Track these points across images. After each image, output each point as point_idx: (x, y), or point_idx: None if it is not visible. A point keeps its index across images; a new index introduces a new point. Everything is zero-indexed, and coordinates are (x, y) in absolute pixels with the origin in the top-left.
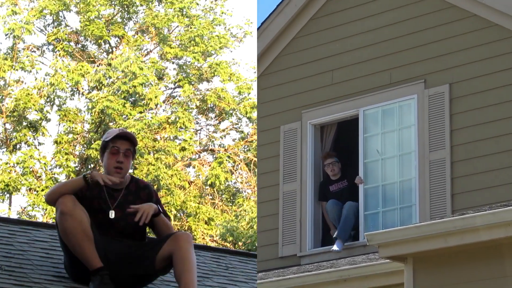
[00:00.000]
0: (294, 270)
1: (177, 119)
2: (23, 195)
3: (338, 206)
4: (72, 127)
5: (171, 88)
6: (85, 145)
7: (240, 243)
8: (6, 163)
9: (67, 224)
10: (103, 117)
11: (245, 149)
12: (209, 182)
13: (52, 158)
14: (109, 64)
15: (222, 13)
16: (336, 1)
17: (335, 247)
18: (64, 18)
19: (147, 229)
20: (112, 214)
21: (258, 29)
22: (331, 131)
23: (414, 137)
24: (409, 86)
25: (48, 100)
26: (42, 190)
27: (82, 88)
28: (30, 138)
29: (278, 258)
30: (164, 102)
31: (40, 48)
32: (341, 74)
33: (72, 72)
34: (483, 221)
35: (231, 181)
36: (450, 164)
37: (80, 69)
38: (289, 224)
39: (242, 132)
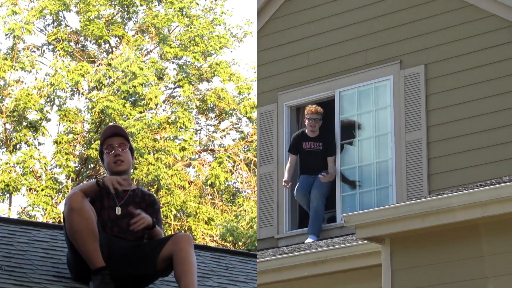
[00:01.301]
0: (271, 252)
1: (177, 119)
2: (23, 195)
3: (305, 197)
4: (72, 127)
5: (171, 88)
6: (85, 145)
7: (240, 243)
8: (6, 163)
9: (74, 221)
10: (103, 117)
11: (245, 149)
12: (209, 182)
13: (52, 158)
14: (109, 64)
15: (222, 13)
16: None
17: (309, 240)
18: (64, 18)
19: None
20: (118, 211)
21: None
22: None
23: (390, 118)
24: (385, 67)
25: (48, 100)
26: (42, 190)
27: (82, 88)
28: (30, 138)
29: (256, 240)
30: (164, 102)
31: (40, 48)
32: (316, 55)
33: (72, 72)
34: (459, 201)
35: (231, 181)
36: (426, 144)
37: (80, 69)
38: (266, 207)
39: (242, 132)
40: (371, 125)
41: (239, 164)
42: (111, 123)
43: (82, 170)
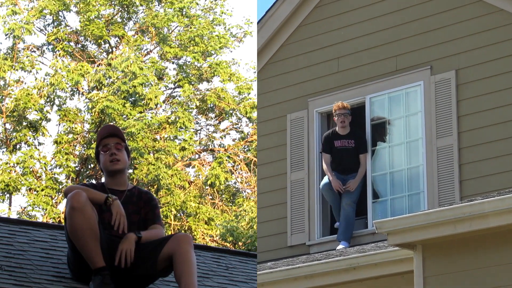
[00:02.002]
0: (303, 259)
1: (177, 119)
2: (23, 195)
3: (331, 192)
4: (72, 127)
5: (171, 88)
6: (85, 145)
7: (240, 243)
8: (6, 163)
9: (75, 220)
10: (103, 117)
11: (245, 149)
12: (209, 182)
13: (52, 158)
14: (109, 64)
15: (222, 13)
16: None
17: (340, 246)
18: (64, 18)
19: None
20: None
21: (262, 18)
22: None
23: (421, 124)
24: (416, 72)
25: (48, 100)
26: (42, 190)
27: (82, 88)
28: (30, 138)
29: (287, 247)
30: (164, 102)
31: (40, 48)
32: (347, 61)
33: (72, 72)
34: (491, 207)
35: (231, 181)
36: (458, 150)
37: (80, 69)
38: (297, 213)
39: (242, 132)
40: (402, 131)
41: (239, 164)
42: (107, 124)
43: (82, 170)
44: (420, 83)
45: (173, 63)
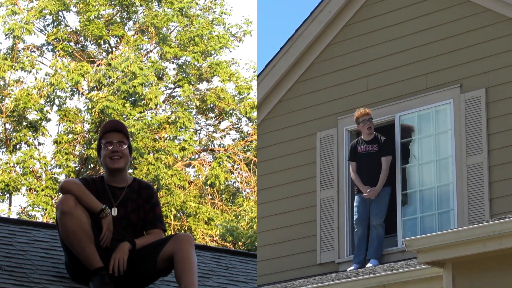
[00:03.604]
0: (332, 277)
1: (177, 119)
2: (23, 195)
3: (362, 227)
4: (72, 127)
5: (171, 88)
6: (85, 145)
7: (240, 243)
8: (6, 163)
9: (67, 224)
10: (103, 117)
11: (245, 149)
12: (209, 182)
13: (52, 158)
14: (109, 64)
15: (222, 12)
16: (371, 7)
17: (370, 264)
18: (64, 18)
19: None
20: (114, 212)
21: (292, 36)
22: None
23: (451, 142)
24: (445, 90)
25: (48, 100)
26: (42, 190)
27: (82, 88)
28: (30, 138)
29: (317, 265)
30: (164, 102)
31: (40, 48)
32: (376, 79)
33: (72, 72)
34: None
35: (231, 181)
36: (488, 168)
37: (80, 69)
38: (327, 231)
39: (242, 132)
40: (431, 149)
41: (239, 164)
42: (113, 118)
43: (82, 170)
44: (450, 101)
45: (172, 63)
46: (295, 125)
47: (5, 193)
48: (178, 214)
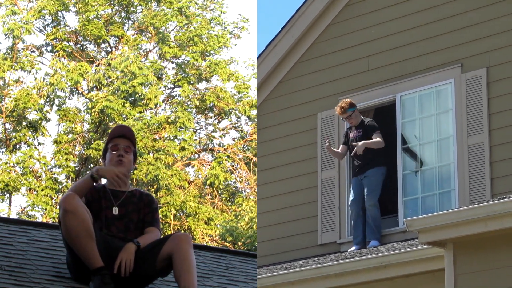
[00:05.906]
0: (333, 257)
1: (177, 119)
2: (23, 195)
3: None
4: (72, 127)
5: (171, 88)
6: (85, 145)
7: (239, 243)
8: (6, 163)
9: (70, 222)
10: (102, 117)
11: (245, 148)
12: (208, 182)
13: (52, 158)
14: (109, 64)
15: (221, 12)
16: None
17: (371, 245)
18: (63, 18)
19: None
20: (115, 211)
21: (291, 18)
22: (368, 117)
23: (452, 121)
24: (446, 70)
25: (47, 100)
26: (42, 190)
27: (82, 88)
28: (30, 138)
29: (318, 246)
30: (163, 102)
31: (39, 48)
32: (377, 59)
33: (72, 72)
34: None
35: (231, 181)
36: (489, 148)
37: (80, 69)
38: (328, 211)
39: (241, 131)
40: (432, 129)
41: (239, 163)
42: (121, 123)
43: (82, 170)
44: (451, 81)
45: (172, 62)
46: (296, 105)
47: (5, 193)
48: (178, 214)
